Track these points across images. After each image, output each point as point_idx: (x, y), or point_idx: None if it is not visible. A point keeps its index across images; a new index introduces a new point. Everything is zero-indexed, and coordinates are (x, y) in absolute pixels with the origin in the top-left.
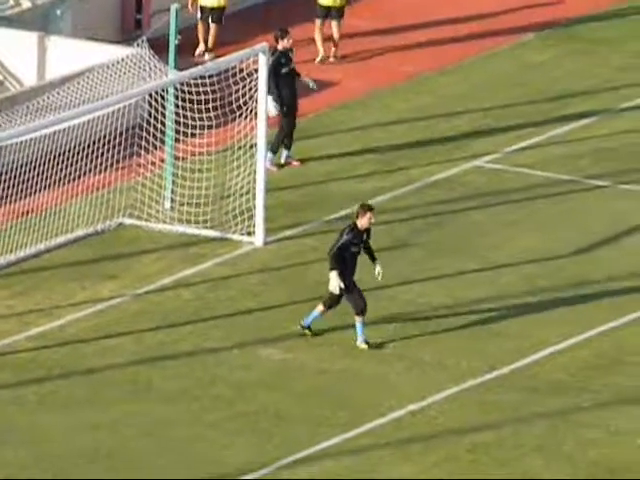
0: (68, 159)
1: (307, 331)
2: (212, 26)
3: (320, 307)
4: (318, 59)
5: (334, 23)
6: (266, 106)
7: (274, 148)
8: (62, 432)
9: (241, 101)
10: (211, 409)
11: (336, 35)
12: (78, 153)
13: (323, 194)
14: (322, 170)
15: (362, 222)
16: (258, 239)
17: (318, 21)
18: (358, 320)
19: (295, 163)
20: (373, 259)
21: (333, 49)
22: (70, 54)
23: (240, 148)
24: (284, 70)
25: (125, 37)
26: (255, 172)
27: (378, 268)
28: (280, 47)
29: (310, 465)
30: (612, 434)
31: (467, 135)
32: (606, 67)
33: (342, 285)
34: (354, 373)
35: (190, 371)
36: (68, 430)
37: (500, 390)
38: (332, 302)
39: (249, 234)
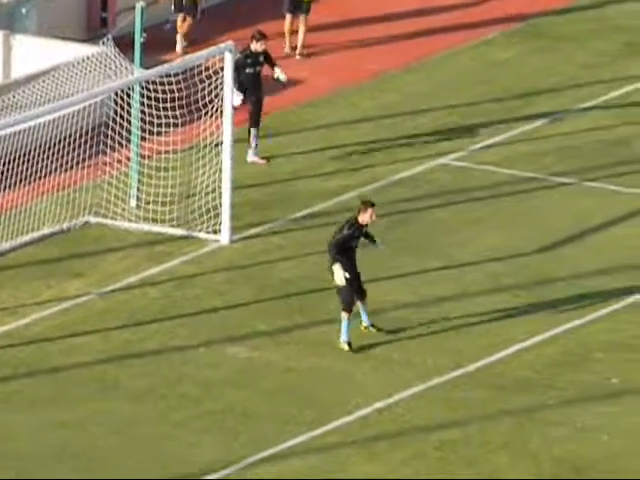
0: (34, 158)
1: (348, 347)
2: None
3: (343, 315)
4: (284, 52)
5: (301, 18)
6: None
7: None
8: (28, 431)
9: (207, 99)
10: (178, 407)
11: (302, 31)
12: (44, 152)
13: (289, 192)
14: (288, 168)
15: (364, 218)
16: (224, 237)
17: (288, 16)
18: (344, 317)
19: (260, 161)
20: (374, 241)
21: (299, 46)
22: (36, 52)
23: (206, 146)
24: (248, 70)
25: (91, 35)
26: (221, 170)
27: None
28: (252, 48)
29: (277, 463)
30: (578, 431)
31: (432, 133)
32: (571, 64)
33: (347, 275)
34: (321, 371)
35: (157, 369)
36: (34, 429)
37: (466, 388)
38: (348, 299)
39: (215, 232)
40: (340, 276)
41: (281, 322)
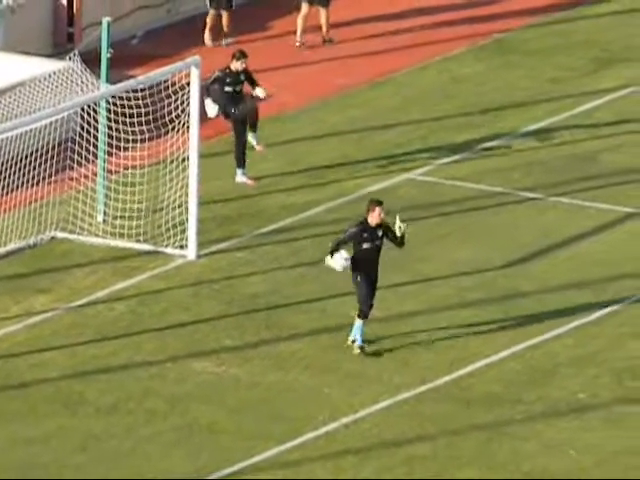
0: (0, 173)
1: (363, 348)
2: (224, 13)
3: (358, 321)
4: (296, 44)
5: (322, 10)
6: (206, 109)
7: (240, 163)
8: None
9: (173, 114)
10: (144, 423)
11: (324, 20)
12: (11, 167)
13: (256, 207)
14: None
15: (372, 218)
16: (191, 252)
17: (305, 6)
18: (357, 321)
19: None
20: (400, 243)
21: (324, 32)
22: (1, 67)
23: (172, 161)
24: (227, 89)
25: (57, 51)
26: (187, 185)
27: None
28: (232, 67)
29: (244, 479)
30: (545, 446)
31: (399, 148)
32: (537, 79)
33: (345, 258)
34: (287, 386)
35: (123, 385)
36: (0, 444)
37: (434, 402)
38: (364, 301)
39: (182, 247)
40: (339, 264)
41: (248, 337)
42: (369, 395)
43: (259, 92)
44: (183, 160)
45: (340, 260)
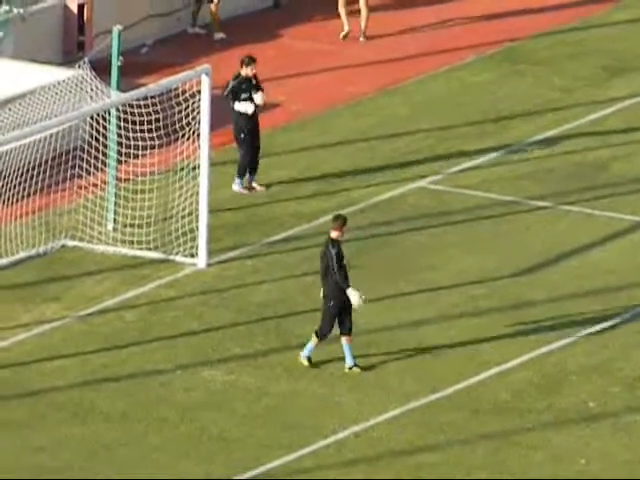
0: (11, 181)
1: (354, 369)
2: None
3: (345, 339)
4: (342, 34)
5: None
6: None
7: (240, 172)
8: (4, 455)
9: (184, 122)
10: (155, 431)
11: (364, 12)
12: (21, 175)
13: (265, 215)
14: (265, 191)
15: (338, 233)
16: (201, 261)
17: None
18: (314, 340)
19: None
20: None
21: (362, 28)
22: (12, 76)
23: (183, 169)
24: (244, 95)
25: (67, 59)
26: (198, 193)
27: None
28: (243, 73)
29: None
30: (555, 454)
31: (409, 156)
32: (547, 88)
33: (364, 297)
34: (297, 395)
35: (133, 393)
36: (10, 453)
37: (444, 411)
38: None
39: (192, 256)
40: (356, 299)
41: (258, 345)
42: (379, 404)
43: (257, 98)
44: (193, 168)
45: (357, 296)
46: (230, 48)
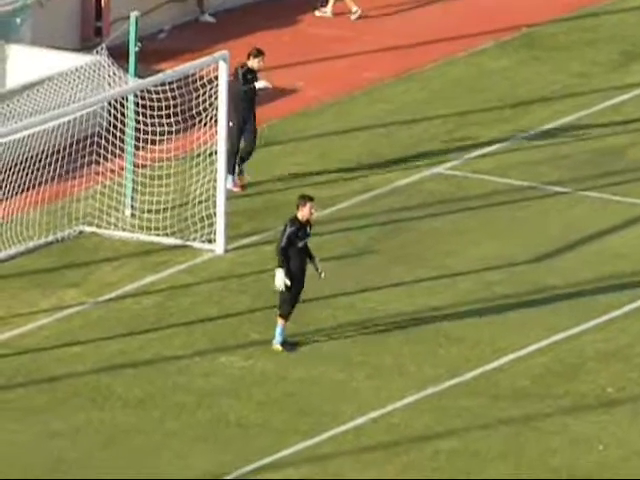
0: (28, 167)
1: (282, 347)
2: None
3: (280, 321)
4: (355, 17)
5: None
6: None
7: (231, 169)
8: (22, 441)
9: (201, 108)
10: (172, 417)
11: None
12: (40, 161)
13: (283, 201)
14: (282, 177)
15: (303, 213)
16: (219, 246)
17: None
18: (280, 323)
19: (247, 177)
20: (310, 257)
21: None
22: (30, 62)
23: (200, 155)
24: (250, 86)
25: (85, 45)
26: (215, 179)
27: (319, 267)
28: (249, 64)
29: (271, 473)
30: (573, 440)
31: (426, 142)
32: (564, 74)
33: (288, 283)
34: (315, 380)
35: (151, 379)
36: (29, 439)
37: (462, 397)
38: (289, 307)
39: (209, 241)
40: (280, 283)
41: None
42: (397, 390)
43: (261, 83)
44: (211, 154)
45: (282, 278)
46: (248, 34)
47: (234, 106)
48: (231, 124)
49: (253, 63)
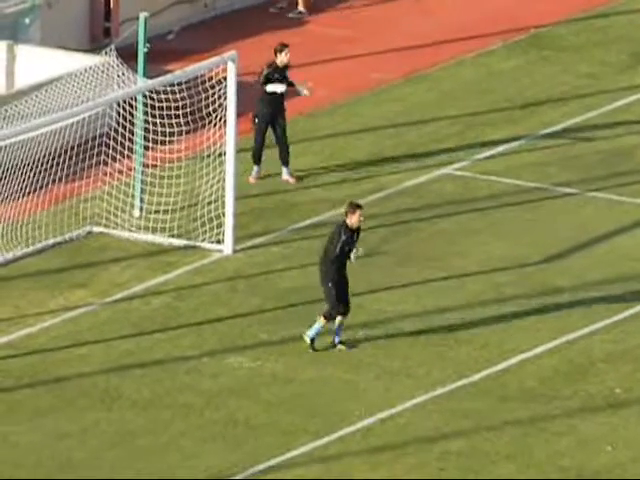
0: (37, 167)
1: (310, 343)
2: None
3: (321, 319)
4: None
5: None
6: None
7: (256, 160)
8: (31, 441)
9: (210, 109)
10: (181, 417)
11: None
12: (48, 162)
13: (292, 202)
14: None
15: (352, 221)
16: (227, 247)
17: None
18: (320, 321)
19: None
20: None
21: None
22: (39, 63)
23: (209, 156)
24: (274, 88)
25: (94, 45)
26: (224, 180)
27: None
28: (278, 61)
29: (280, 473)
30: (582, 441)
31: (435, 143)
32: (574, 75)
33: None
34: (323, 381)
35: (159, 379)
36: (37, 439)
37: (470, 398)
38: (335, 305)
39: (218, 242)
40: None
41: (284, 332)
42: (405, 390)
43: (303, 92)
44: (220, 155)
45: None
46: (256, 35)
47: (258, 106)
48: (256, 121)
49: (279, 59)
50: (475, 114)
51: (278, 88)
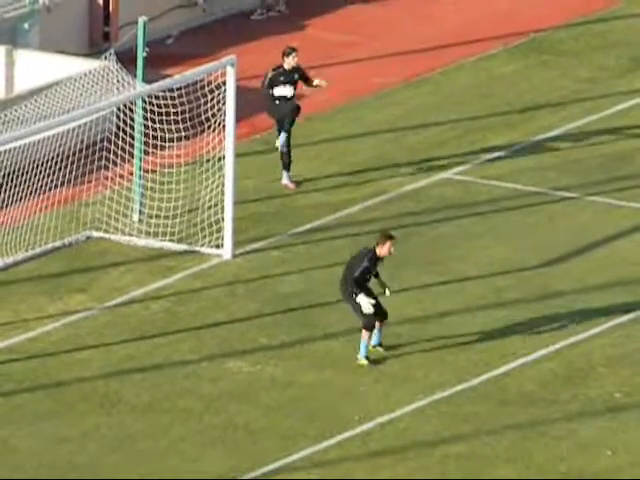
0: (37, 172)
1: (366, 361)
2: None
3: (364, 334)
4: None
5: None
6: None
7: (286, 166)
8: (30, 445)
9: (209, 114)
10: (180, 422)
11: None
12: (48, 167)
13: (291, 206)
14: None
15: (382, 251)
16: (226, 252)
17: None
18: (364, 336)
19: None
20: (376, 275)
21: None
22: (38, 67)
23: (208, 160)
24: (279, 92)
25: (93, 50)
26: (223, 184)
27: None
28: (285, 65)
29: (280, 478)
30: (581, 445)
31: (436, 147)
32: (572, 79)
33: (372, 302)
34: (323, 386)
35: (159, 384)
36: (37, 443)
37: (470, 402)
38: (371, 322)
39: (217, 247)
40: (367, 306)
41: (283, 336)
42: (405, 395)
43: (317, 81)
44: (219, 159)
45: (367, 301)
46: (256, 39)
47: (278, 111)
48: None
49: (287, 62)
50: (475, 118)
51: (285, 92)
